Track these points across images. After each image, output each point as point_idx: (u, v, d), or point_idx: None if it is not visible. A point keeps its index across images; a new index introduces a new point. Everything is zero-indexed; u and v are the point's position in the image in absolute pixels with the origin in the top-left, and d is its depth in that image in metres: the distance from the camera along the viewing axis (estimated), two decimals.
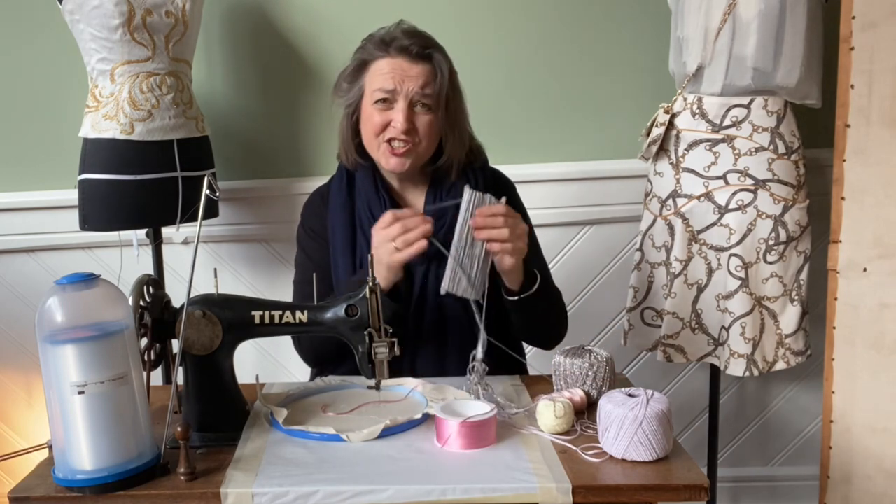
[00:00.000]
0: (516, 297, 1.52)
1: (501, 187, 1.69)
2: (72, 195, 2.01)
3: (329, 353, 1.61)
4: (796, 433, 2.46)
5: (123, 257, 2.19)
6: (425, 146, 1.58)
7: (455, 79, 1.60)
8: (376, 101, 1.54)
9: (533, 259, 1.66)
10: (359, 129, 1.62)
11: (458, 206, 1.55)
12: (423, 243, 1.42)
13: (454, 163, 1.62)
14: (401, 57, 1.53)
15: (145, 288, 1.25)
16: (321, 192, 1.71)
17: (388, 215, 1.44)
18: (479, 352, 1.35)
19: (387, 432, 1.24)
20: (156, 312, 1.25)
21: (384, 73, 1.53)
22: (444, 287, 1.43)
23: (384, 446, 1.21)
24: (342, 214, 1.63)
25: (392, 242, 1.43)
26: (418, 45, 1.54)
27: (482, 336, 1.36)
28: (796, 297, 1.92)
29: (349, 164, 1.65)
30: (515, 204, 1.70)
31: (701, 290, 1.96)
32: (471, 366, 1.35)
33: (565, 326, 1.68)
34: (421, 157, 1.59)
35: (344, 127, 1.64)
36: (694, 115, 1.90)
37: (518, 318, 1.57)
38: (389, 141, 1.55)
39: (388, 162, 1.57)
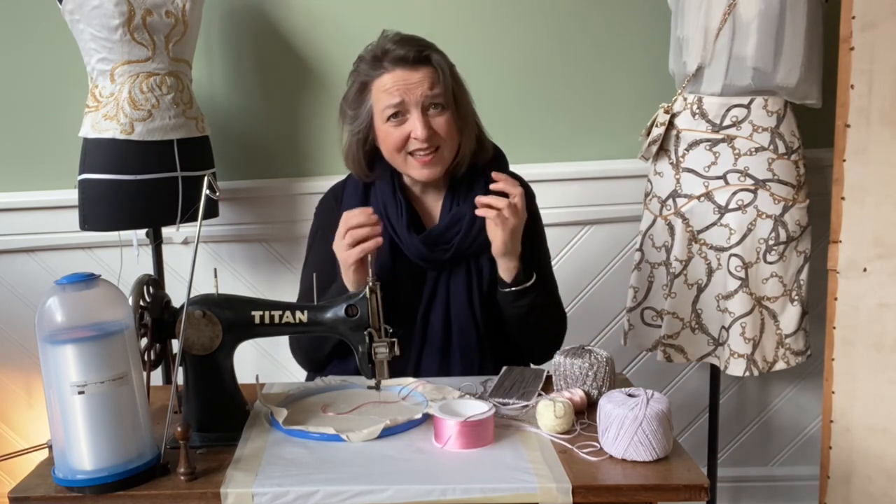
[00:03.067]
0: (508, 290, 1.52)
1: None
2: (72, 195, 2.01)
3: (323, 357, 1.61)
4: (796, 433, 2.46)
5: (123, 257, 2.19)
6: (449, 147, 1.55)
7: (456, 72, 1.58)
8: (389, 119, 1.52)
9: (543, 270, 1.66)
10: (370, 151, 1.60)
11: (471, 222, 1.55)
12: (376, 241, 1.42)
13: (467, 158, 1.59)
14: (399, 68, 1.50)
15: (145, 288, 1.25)
16: (335, 193, 1.69)
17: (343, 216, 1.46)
18: None
19: (387, 432, 1.24)
20: (156, 312, 1.25)
21: (388, 89, 1.50)
22: None
23: (384, 446, 1.21)
24: None
25: (343, 240, 1.45)
26: (413, 51, 1.51)
27: None
28: (796, 297, 1.92)
29: (364, 179, 1.63)
30: (533, 213, 1.68)
31: (701, 290, 1.96)
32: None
33: (561, 336, 1.66)
34: (447, 160, 1.56)
35: (353, 150, 1.61)
36: (694, 115, 1.90)
37: (512, 316, 1.56)
38: (413, 152, 1.52)
39: (419, 173, 1.54)
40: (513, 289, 1.53)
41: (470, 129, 1.59)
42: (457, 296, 1.57)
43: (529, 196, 1.70)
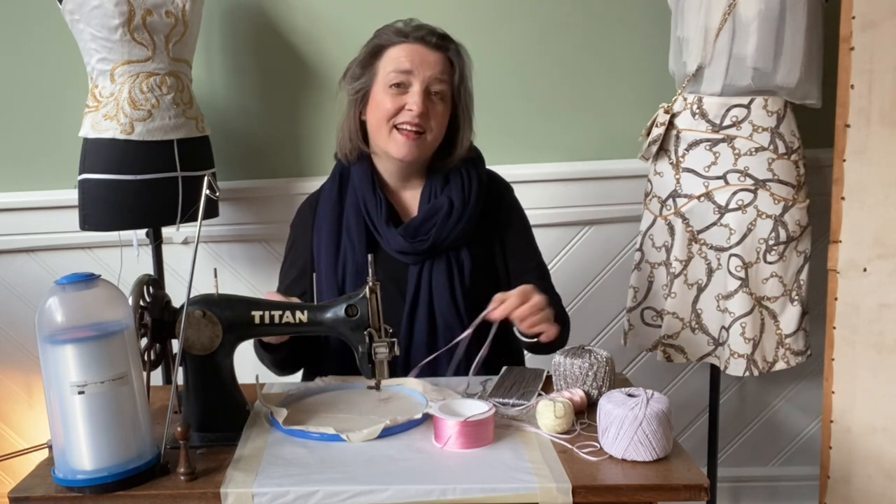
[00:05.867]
0: (534, 340, 1.51)
1: (497, 189, 1.69)
2: (72, 195, 2.01)
3: (289, 364, 1.62)
4: (796, 433, 2.46)
5: (123, 257, 2.19)
6: (434, 136, 1.57)
7: (468, 77, 1.60)
8: (391, 86, 1.53)
9: (531, 260, 1.67)
10: (363, 120, 1.61)
11: (448, 213, 1.56)
12: None
13: (459, 157, 1.61)
14: (419, 44, 1.54)
15: (145, 288, 1.25)
16: (310, 202, 1.71)
17: None
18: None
19: (387, 432, 1.24)
20: (156, 312, 1.25)
21: (401, 57, 1.53)
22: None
23: (384, 446, 1.21)
24: (330, 219, 1.63)
25: None
26: (436, 36, 1.55)
27: None
28: (796, 297, 1.92)
29: (350, 155, 1.63)
30: (513, 206, 1.70)
31: (701, 290, 1.96)
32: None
33: (568, 332, 1.67)
34: (428, 149, 1.58)
35: (350, 116, 1.62)
36: (694, 115, 1.90)
37: (529, 347, 1.57)
38: (400, 126, 1.54)
39: (398, 149, 1.55)
40: (532, 340, 1.51)
41: (468, 131, 1.61)
42: (440, 292, 1.57)
43: (506, 189, 1.71)
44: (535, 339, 1.49)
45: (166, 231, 2.15)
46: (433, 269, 1.58)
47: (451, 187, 1.59)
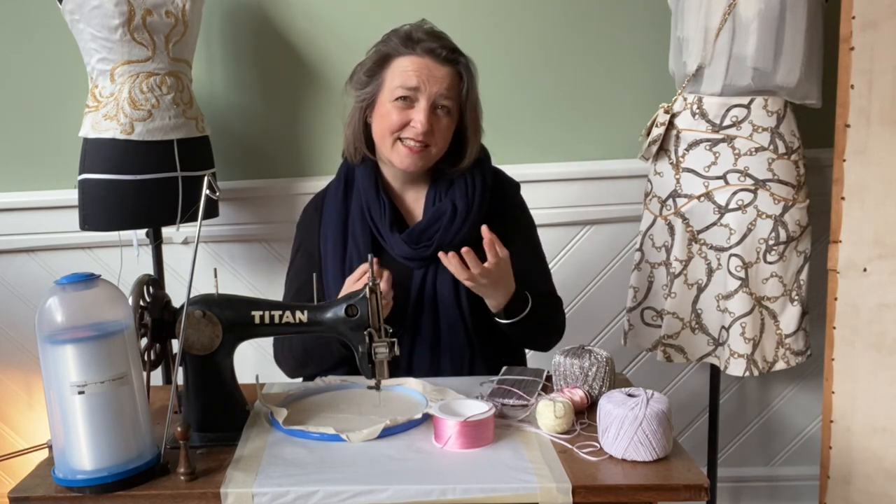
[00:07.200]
0: (504, 321, 1.54)
1: (503, 190, 1.68)
2: (72, 195, 2.01)
3: (308, 367, 1.61)
4: (796, 433, 2.46)
5: (123, 257, 2.19)
6: (439, 149, 1.56)
7: (475, 89, 1.58)
8: (396, 99, 1.52)
9: (533, 261, 1.66)
10: (369, 123, 1.60)
11: (451, 218, 1.54)
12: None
13: (467, 166, 1.60)
14: (428, 57, 1.51)
15: (145, 288, 1.25)
16: (315, 202, 1.70)
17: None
18: None
19: (387, 432, 1.24)
20: (156, 312, 1.25)
21: (408, 71, 1.51)
22: None
23: (384, 446, 1.21)
24: (335, 223, 1.62)
25: None
26: (446, 49, 1.52)
27: None
28: (796, 297, 1.92)
29: (355, 156, 1.63)
30: (520, 207, 1.70)
31: (701, 290, 1.96)
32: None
33: (560, 334, 1.68)
34: (431, 160, 1.57)
35: (355, 120, 1.60)
36: (694, 115, 1.90)
37: (508, 333, 1.58)
38: (404, 139, 1.53)
39: (401, 160, 1.54)
40: (503, 321, 1.54)
41: (475, 143, 1.60)
42: (444, 297, 1.57)
43: (513, 189, 1.71)
44: (510, 321, 1.52)
45: (166, 231, 2.15)
46: (438, 273, 1.56)
47: (454, 191, 1.58)
